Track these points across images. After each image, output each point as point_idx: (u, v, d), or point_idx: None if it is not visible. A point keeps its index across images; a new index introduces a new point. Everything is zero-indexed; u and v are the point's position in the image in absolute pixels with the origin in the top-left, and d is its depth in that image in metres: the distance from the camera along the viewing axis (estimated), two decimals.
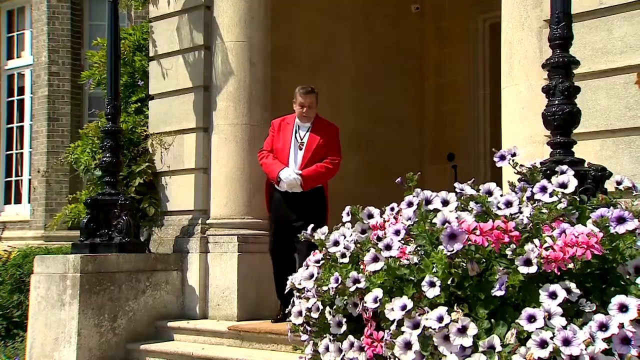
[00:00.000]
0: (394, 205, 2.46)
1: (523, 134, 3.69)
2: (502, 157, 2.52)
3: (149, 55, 6.13)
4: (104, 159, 5.44)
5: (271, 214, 4.94)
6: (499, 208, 2.28)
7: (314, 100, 4.86)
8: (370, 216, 2.49)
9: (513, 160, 2.50)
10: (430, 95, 8.33)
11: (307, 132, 4.83)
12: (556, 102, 2.74)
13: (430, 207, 2.30)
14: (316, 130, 4.83)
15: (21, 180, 9.08)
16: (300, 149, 4.79)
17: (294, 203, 4.76)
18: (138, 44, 6.35)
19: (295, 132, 4.83)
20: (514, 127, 3.76)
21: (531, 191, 2.33)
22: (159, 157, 5.94)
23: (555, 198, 2.26)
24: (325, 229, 2.56)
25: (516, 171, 2.50)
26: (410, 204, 2.33)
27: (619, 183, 2.46)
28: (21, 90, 9.19)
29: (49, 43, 8.37)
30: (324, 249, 2.48)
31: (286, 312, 3.03)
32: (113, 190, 5.44)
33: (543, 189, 2.30)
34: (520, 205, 2.28)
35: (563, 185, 2.29)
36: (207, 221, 5.60)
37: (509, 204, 2.28)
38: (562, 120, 2.72)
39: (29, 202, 8.60)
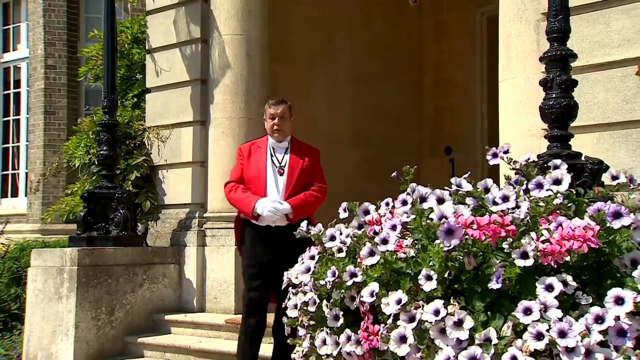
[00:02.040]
0: (389, 200, 2.46)
1: (520, 127, 3.69)
2: (495, 155, 2.52)
3: (147, 48, 6.11)
4: (101, 152, 5.44)
5: (245, 258, 3.97)
6: (495, 203, 2.28)
7: (286, 112, 4.03)
8: (367, 212, 2.49)
9: (507, 157, 2.50)
10: (429, 90, 8.33)
11: (286, 154, 3.98)
12: (553, 95, 2.74)
13: (425, 205, 2.30)
14: (296, 151, 4.00)
15: (18, 173, 9.07)
16: (281, 174, 3.92)
17: (276, 241, 3.82)
18: (136, 37, 6.33)
19: (271, 156, 3.96)
20: (512, 120, 3.76)
21: (527, 186, 2.33)
22: (156, 150, 5.93)
23: (550, 192, 2.26)
24: (320, 225, 2.55)
25: (511, 167, 2.50)
26: (404, 203, 2.33)
27: (614, 178, 2.46)
28: (17, 84, 9.16)
29: (45, 36, 8.34)
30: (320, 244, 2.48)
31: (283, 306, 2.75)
32: (110, 183, 5.44)
33: (539, 186, 2.30)
34: (517, 200, 2.28)
35: (557, 182, 2.29)
36: (205, 215, 5.60)
37: (506, 199, 2.28)
38: (559, 113, 2.72)
39: (26, 196, 8.59)
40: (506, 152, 2.47)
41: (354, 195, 3.53)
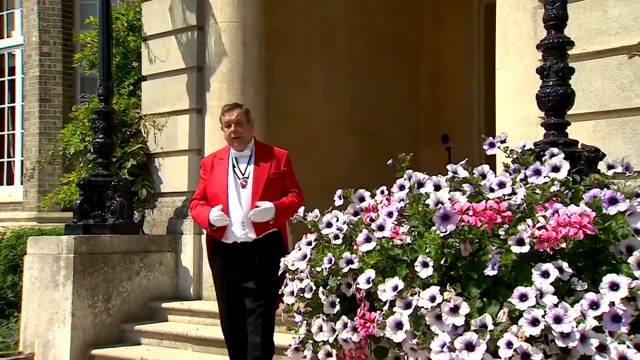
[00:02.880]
0: (384, 188, 2.46)
1: (517, 115, 3.69)
2: (492, 145, 2.52)
3: (142, 35, 6.07)
4: (97, 140, 5.42)
5: (216, 279, 3.71)
6: (492, 190, 2.28)
7: (242, 117, 3.63)
8: (362, 199, 2.49)
9: (503, 147, 2.50)
10: (426, 79, 8.31)
11: (249, 164, 3.60)
12: (550, 83, 2.74)
13: (423, 190, 2.30)
14: (261, 158, 3.62)
15: (13, 161, 9.03)
16: (244, 187, 3.53)
17: (243, 257, 3.52)
18: (131, 24, 6.29)
19: (233, 167, 3.60)
20: (508, 108, 3.76)
21: (524, 173, 2.33)
22: (152, 138, 5.92)
23: (548, 179, 2.27)
24: (316, 211, 2.54)
25: (507, 155, 2.50)
26: (402, 187, 2.33)
27: (610, 167, 2.46)
28: (12, 71, 9.10)
29: (39, 23, 8.27)
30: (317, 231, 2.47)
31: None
32: (106, 171, 5.43)
33: (537, 172, 2.30)
34: (513, 187, 2.29)
35: (555, 169, 2.29)
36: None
37: (502, 185, 2.28)
38: (556, 101, 2.72)
39: (22, 184, 8.57)
40: (503, 141, 2.47)
41: (351, 183, 3.52)
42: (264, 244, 3.52)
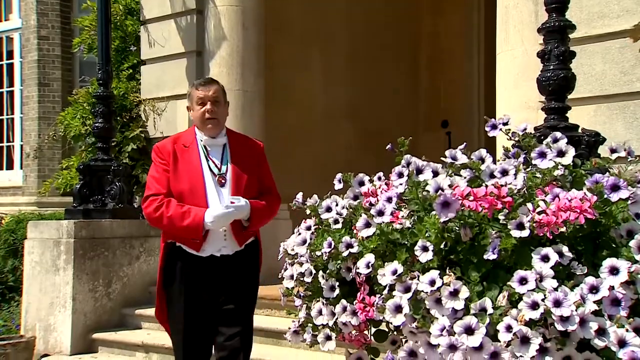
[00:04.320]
0: (381, 174, 2.45)
1: (517, 99, 3.68)
2: (494, 127, 2.50)
3: (141, 19, 6.03)
4: (96, 124, 5.40)
5: (175, 302, 2.89)
6: (493, 176, 2.27)
7: (220, 95, 2.96)
8: (362, 183, 2.48)
9: (505, 129, 2.49)
10: (425, 64, 8.27)
11: (225, 155, 2.93)
12: (551, 67, 2.72)
13: (421, 177, 2.29)
14: (238, 150, 2.96)
15: (13, 145, 9.01)
16: (222, 185, 2.86)
17: (222, 272, 2.86)
18: (130, 7, 6.25)
19: (206, 159, 2.90)
20: (509, 92, 3.74)
21: (525, 157, 2.32)
22: (151, 123, 5.90)
23: (553, 163, 2.26)
24: (315, 197, 2.51)
25: (509, 137, 2.49)
26: (400, 175, 2.32)
27: (613, 151, 2.45)
28: (10, 54, 9.05)
29: (37, 6, 8.21)
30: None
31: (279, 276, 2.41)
32: (106, 156, 5.42)
33: (542, 155, 2.28)
34: (515, 173, 2.28)
35: (561, 153, 2.28)
36: None
37: (505, 172, 2.27)
38: (556, 85, 2.70)
39: (21, 168, 8.56)
40: (505, 123, 2.45)
41: (350, 168, 3.51)
42: (244, 256, 2.91)
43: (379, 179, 2.45)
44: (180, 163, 2.89)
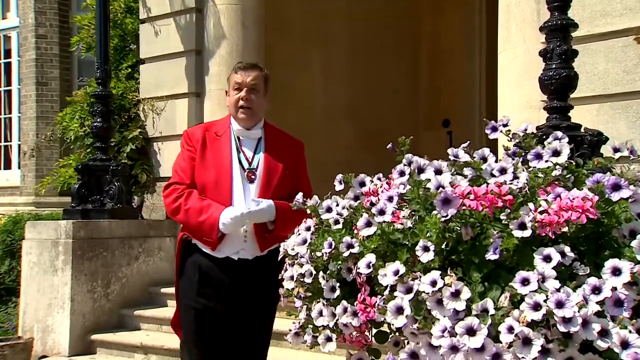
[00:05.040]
0: (380, 175, 2.43)
1: (519, 99, 3.66)
2: (494, 129, 2.48)
3: (140, 17, 6.02)
4: (95, 124, 5.39)
5: (188, 300, 2.66)
6: (493, 175, 2.26)
7: (260, 82, 2.70)
8: (362, 184, 2.46)
9: (505, 130, 2.47)
10: (426, 63, 8.27)
11: (259, 150, 2.68)
12: (553, 66, 2.70)
13: (423, 176, 2.28)
14: (274, 146, 2.70)
15: (10, 145, 8.99)
16: (252, 181, 2.62)
17: (238, 279, 2.59)
18: (129, 5, 6.24)
19: (238, 151, 2.65)
20: (511, 92, 3.73)
21: (525, 158, 2.31)
22: (150, 122, 5.89)
23: (550, 164, 2.25)
24: (315, 197, 2.48)
25: (509, 138, 2.47)
26: (402, 173, 2.31)
27: (616, 150, 2.44)
28: (8, 53, 9.03)
29: (35, 4, 8.19)
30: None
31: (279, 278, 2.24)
32: (104, 155, 5.40)
33: (538, 156, 2.27)
34: (514, 172, 2.26)
35: (556, 153, 2.27)
36: None
37: (503, 171, 2.26)
38: (559, 84, 2.68)
39: (19, 168, 8.54)
40: (505, 125, 2.43)
41: (350, 167, 3.49)
42: (265, 263, 2.58)
43: (379, 179, 2.43)
44: (209, 152, 2.64)
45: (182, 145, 2.75)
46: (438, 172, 2.29)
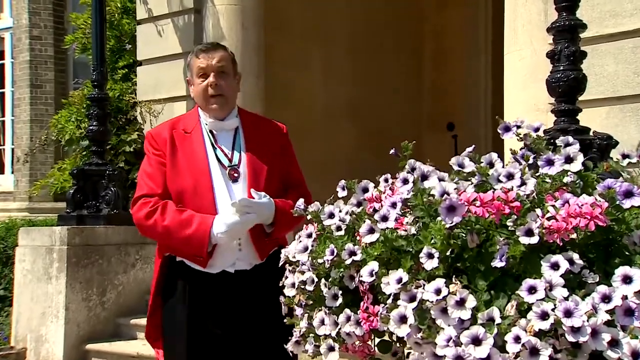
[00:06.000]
0: (388, 176, 2.38)
1: (526, 101, 3.63)
2: (507, 129, 2.42)
3: (137, 18, 5.98)
4: (91, 127, 5.33)
5: (174, 335, 2.31)
6: (499, 181, 2.22)
7: (227, 64, 2.34)
8: (365, 190, 2.41)
9: (518, 132, 2.41)
10: (429, 63, 8.21)
11: (237, 142, 2.35)
12: (561, 67, 2.67)
13: (427, 183, 2.23)
14: (254, 135, 2.37)
15: (3, 149, 8.92)
16: (235, 180, 2.29)
17: (237, 294, 2.29)
18: (125, 6, 6.20)
19: (213, 148, 2.33)
20: (517, 94, 3.69)
21: (535, 162, 2.26)
22: (148, 125, 5.84)
23: (560, 169, 2.20)
24: (317, 203, 2.37)
25: (519, 139, 2.42)
26: (405, 181, 2.25)
27: (625, 157, 2.39)
28: (1, 55, 8.96)
29: (29, 4, 8.12)
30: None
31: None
32: (100, 160, 5.34)
33: (549, 163, 2.22)
34: (522, 178, 2.22)
35: (569, 160, 2.21)
36: None
37: (510, 177, 2.21)
38: (567, 86, 2.65)
39: (12, 173, 8.47)
40: (519, 126, 2.38)
41: (351, 168, 3.43)
42: (266, 272, 2.26)
43: (386, 181, 2.37)
44: (180, 154, 2.28)
45: (146, 149, 2.38)
46: (442, 180, 2.24)
